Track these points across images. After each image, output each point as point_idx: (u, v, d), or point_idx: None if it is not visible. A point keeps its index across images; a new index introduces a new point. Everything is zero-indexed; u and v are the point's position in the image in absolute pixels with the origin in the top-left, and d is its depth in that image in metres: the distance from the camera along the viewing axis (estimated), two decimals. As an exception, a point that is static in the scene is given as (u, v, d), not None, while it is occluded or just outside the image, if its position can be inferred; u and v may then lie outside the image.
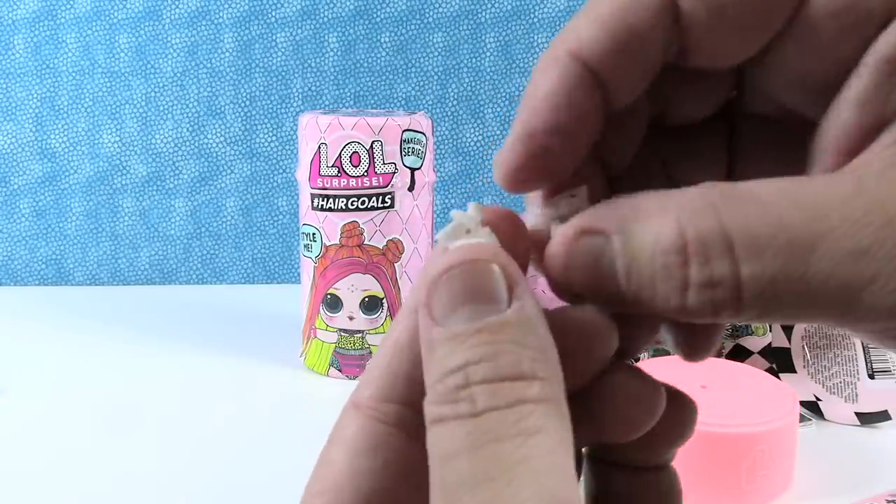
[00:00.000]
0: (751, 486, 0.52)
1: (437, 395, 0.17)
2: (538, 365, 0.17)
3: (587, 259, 0.19)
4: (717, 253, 0.17)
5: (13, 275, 1.00)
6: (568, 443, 0.17)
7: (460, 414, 0.16)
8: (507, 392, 0.16)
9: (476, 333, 0.17)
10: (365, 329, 0.73)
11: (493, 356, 0.17)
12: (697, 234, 0.17)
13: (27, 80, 0.97)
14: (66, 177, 0.99)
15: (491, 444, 0.16)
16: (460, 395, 0.17)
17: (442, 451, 0.16)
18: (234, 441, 0.63)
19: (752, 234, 0.17)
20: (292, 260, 1.02)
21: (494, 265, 0.18)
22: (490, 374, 0.17)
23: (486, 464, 0.16)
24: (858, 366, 0.63)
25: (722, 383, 0.57)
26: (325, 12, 0.97)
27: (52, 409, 0.67)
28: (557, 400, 0.17)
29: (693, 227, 0.17)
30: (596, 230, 0.19)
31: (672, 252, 0.17)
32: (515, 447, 0.16)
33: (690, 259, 0.17)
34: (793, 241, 0.17)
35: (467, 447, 0.16)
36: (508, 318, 0.17)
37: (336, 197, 0.71)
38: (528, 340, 0.17)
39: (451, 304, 0.17)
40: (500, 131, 1.01)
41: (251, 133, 0.99)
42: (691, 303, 0.17)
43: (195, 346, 0.80)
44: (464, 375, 0.17)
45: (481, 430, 0.16)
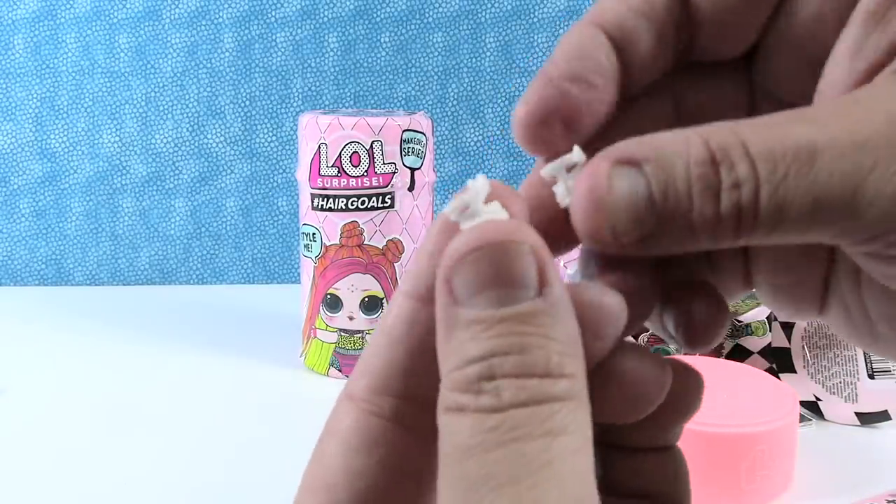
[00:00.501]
0: (751, 487, 0.52)
1: (457, 383, 0.16)
2: (566, 360, 0.16)
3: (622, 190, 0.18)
4: (738, 158, 0.17)
5: (13, 275, 1.00)
6: (590, 442, 0.16)
7: (483, 407, 0.16)
8: (534, 388, 0.16)
9: (503, 321, 0.16)
10: (365, 329, 0.73)
11: (521, 348, 0.16)
12: (721, 146, 0.17)
13: (27, 80, 0.97)
14: (66, 177, 0.99)
15: (517, 444, 0.15)
16: (484, 386, 0.16)
17: (462, 443, 0.16)
18: (234, 441, 0.63)
19: (765, 142, 0.17)
20: (292, 260, 1.02)
21: (526, 246, 0.17)
22: (517, 369, 0.16)
23: (512, 464, 0.15)
24: (858, 366, 0.63)
25: (722, 383, 0.57)
26: (325, 12, 0.97)
27: (52, 409, 0.67)
28: (582, 397, 0.16)
29: (716, 142, 0.18)
30: (627, 160, 0.18)
31: (705, 163, 0.17)
32: (542, 448, 0.15)
33: (720, 165, 0.17)
34: (799, 145, 0.17)
35: (491, 444, 0.15)
36: (538, 306, 0.16)
37: (336, 197, 0.71)
38: (556, 332, 0.16)
39: (476, 285, 0.16)
40: (500, 131, 1.01)
41: (251, 133, 0.99)
42: (724, 207, 0.17)
43: (195, 346, 0.80)
44: (489, 366, 0.16)
45: (507, 427, 0.16)
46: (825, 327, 0.65)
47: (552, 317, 0.16)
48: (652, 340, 0.69)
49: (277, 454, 0.60)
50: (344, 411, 0.19)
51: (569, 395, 0.16)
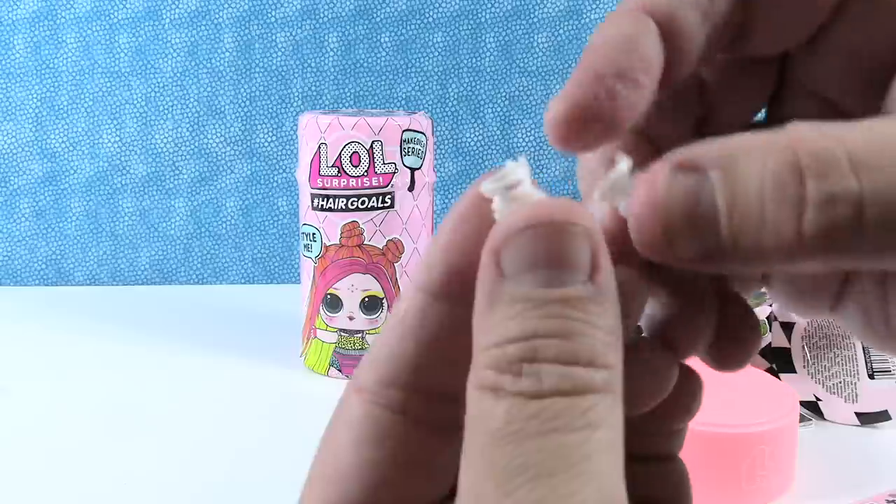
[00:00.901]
0: (751, 487, 0.52)
1: (496, 361, 0.15)
2: (608, 350, 0.16)
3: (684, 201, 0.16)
4: (834, 167, 0.15)
5: (13, 275, 1.00)
6: (622, 438, 0.16)
7: (523, 390, 0.15)
8: (577, 377, 0.15)
9: (551, 303, 0.15)
10: (365, 329, 0.73)
11: (567, 333, 0.15)
12: (812, 150, 0.15)
13: (27, 80, 0.97)
14: (66, 177, 0.99)
15: (557, 434, 0.15)
16: (525, 369, 0.15)
17: (497, 428, 0.15)
18: (234, 441, 0.63)
19: (869, 146, 0.15)
20: (292, 260, 1.02)
21: (581, 228, 0.16)
22: (562, 354, 0.15)
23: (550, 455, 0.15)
24: (858, 366, 0.63)
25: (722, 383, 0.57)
26: (325, 12, 0.97)
27: (53, 409, 0.67)
28: (619, 391, 0.16)
29: (805, 146, 0.15)
30: (692, 165, 0.16)
31: (785, 171, 0.15)
32: (581, 442, 0.15)
33: (806, 176, 0.15)
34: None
35: (530, 432, 0.15)
36: (589, 292, 0.16)
37: (336, 197, 0.71)
38: (603, 321, 0.16)
39: (526, 262, 0.16)
40: (500, 131, 1.01)
41: (251, 133, 0.99)
42: (808, 228, 0.15)
43: (195, 346, 0.80)
44: (532, 348, 0.15)
45: (547, 416, 0.15)
46: (825, 327, 0.65)
47: (600, 305, 0.16)
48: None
49: (277, 454, 0.60)
50: (353, 403, 0.19)
51: (608, 388, 0.15)
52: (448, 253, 0.18)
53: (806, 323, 0.66)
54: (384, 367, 0.19)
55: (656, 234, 0.17)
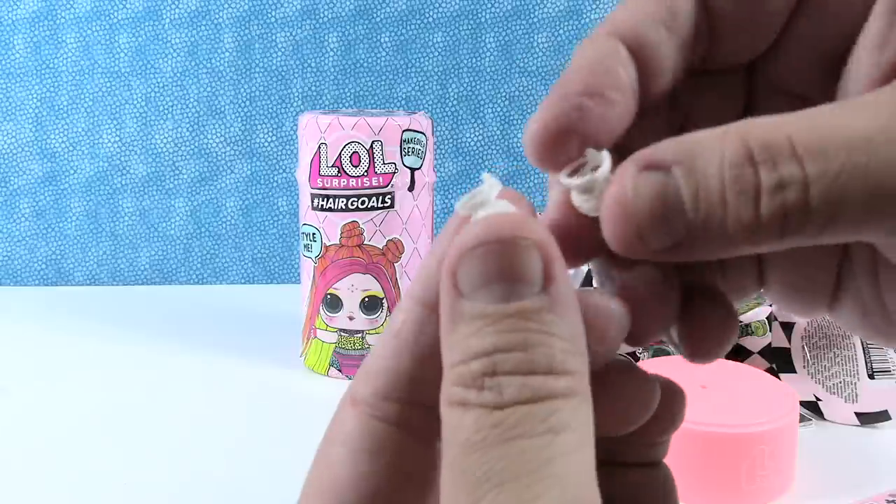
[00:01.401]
0: (751, 487, 0.52)
1: (461, 378, 0.16)
2: (569, 357, 0.16)
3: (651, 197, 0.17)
4: (783, 156, 0.17)
5: (13, 275, 1.00)
6: (591, 439, 0.16)
7: (486, 402, 0.16)
8: (536, 386, 0.16)
9: (507, 317, 0.16)
10: (365, 329, 0.73)
11: (524, 345, 0.16)
12: (761, 143, 0.17)
13: (27, 80, 0.97)
14: (66, 177, 0.99)
15: (518, 441, 0.15)
16: (487, 382, 0.16)
17: (464, 439, 0.16)
18: (234, 441, 0.63)
19: (812, 136, 0.17)
20: (292, 260, 1.02)
21: (531, 242, 0.17)
22: (520, 365, 0.16)
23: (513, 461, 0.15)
24: (858, 366, 0.63)
25: (722, 383, 0.57)
26: (325, 12, 0.97)
27: (52, 409, 0.67)
28: (584, 394, 0.16)
29: (755, 138, 0.17)
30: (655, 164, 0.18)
31: (741, 163, 0.17)
32: (543, 446, 0.15)
33: (759, 166, 0.17)
34: (850, 136, 0.17)
35: (494, 441, 0.15)
36: (543, 303, 0.16)
37: (336, 197, 0.71)
38: (560, 329, 0.16)
39: (481, 278, 0.16)
40: (500, 131, 1.01)
41: (251, 133, 0.99)
42: (764, 212, 0.17)
43: (195, 346, 0.80)
44: (492, 363, 0.16)
45: (508, 424, 0.16)
46: (825, 327, 0.65)
47: (556, 313, 0.16)
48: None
49: (277, 454, 0.60)
50: (348, 416, 0.19)
51: (571, 393, 0.16)
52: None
53: (806, 323, 0.66)
54: (380, 380, 0.19)
55: (628, 230, 0.18)
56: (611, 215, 0.18)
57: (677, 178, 0.17)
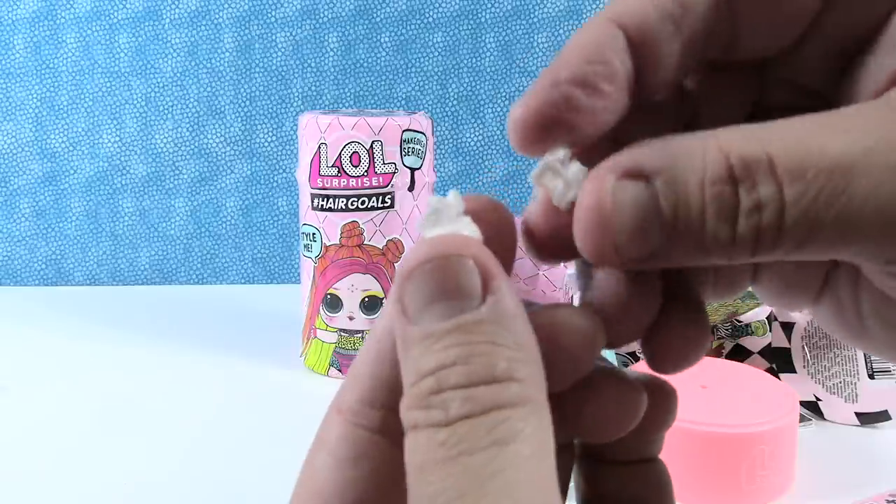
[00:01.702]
0: (751, 487, 0.52)
1: (411, 400, 0.16)
2: (515, 365, 0.16)
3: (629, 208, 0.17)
4: (762, 177, 0.17)
5: (13, 275, 1.00)
6: (548, 446, 0.16)
7: (432, 422, 0.16)
8: (481, 397, 0.16)
9: (449, 333, 0.16)
10: (365, 329, 0.73)
11: (466, 358, 0.16)
12: (742, 160, 0.17)
13: (27, 80, 0.97)
14: (66, 177, 0.99)
15: (463, 457, 0.15)
16: (432, 400, 0.16)
17: (415, 461, 0.16)
18: (234, 441, 0.63)
19: (793, 156, 0.17)
20: (292, 260, 1.02)
21: (468, 259, 0.17)
22: (463, 379, 0.16)
23: (458, 478, 0.15)
24: (858, 366, 0.63)
25: (722, 383, 0.57)
26: (325, 12, 0.97)
27: (53, 408, 0.67)
28: (536, 401, 0.16)
29: (736, 154, 0.17)
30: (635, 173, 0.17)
31: (722, 181, 0.17)
32: (488, 459, 0.15)
33: (739, 184, 0.17)
34: (832, 162, 0.16)
35: (439, 459, 0.15)
36: (482, 315, 0.16)
37: (336, 197, 0.71)
38: (504, 338, 0.16)
39: (423, 300, 0.17)
40: (500, 131, 1.01)
41: (251, 133, 0.99)
42: (740, 231, 0.17)
43: (195, 346, 0.80)
44: (436, 380, 0.16)
45: (453, 441, 0.15)
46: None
47: (498, 323, 0.16)
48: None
49: (277, 454, 0.60)
50: (333, 423, 0.19)
51: (520, 401, 0.16)
52: None
53: (806, 323, 0.66)
54: (363, 388, 0.19)
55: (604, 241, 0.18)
56: (585, 225, 0.18)
57: (657, 189, 0.17)
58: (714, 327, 0.70)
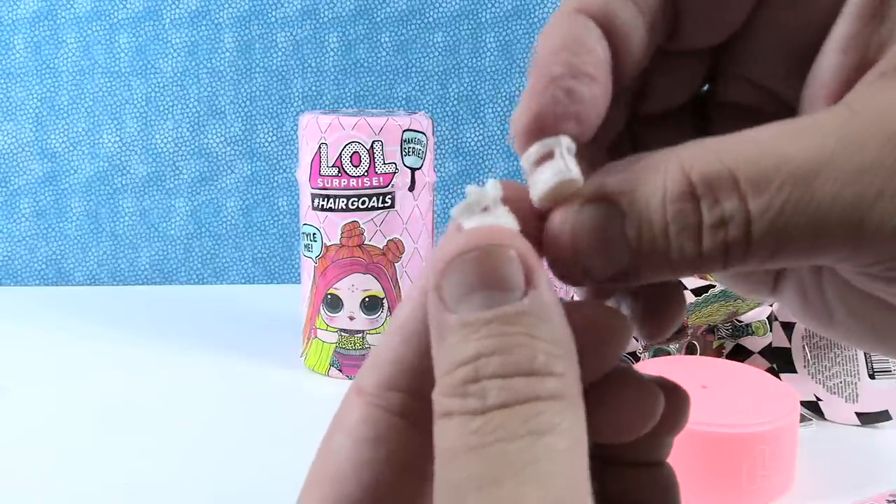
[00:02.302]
0: (751, 487, 0.52)
1: (446, 388, 0.16)
2: (553, 359, 0.16)
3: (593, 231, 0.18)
4: (725, 192, 0.17)
5: (13, 275, 1.00)
6: (582, 442, 0.16)
7: (468, 409, 0.16)
8: (518, 388, 0.16)
9: (489, 323, 0.16)
10: (365, 329, 0.73)
11: (505, 349, 0.16)
12: (703, 177, 0.17)
13: (27, 80, 0.97)
14: (66, 177, 0.99)
15: (499, 444, 0.15)
16: (469, 389, 0.16)
17: (448, 447, 0.16)
18: (235, 441, 0.63)
19: (755, 169, 0.17)
20: (292, 260, 1.02)
21: (511, 250, 0.17)
22: (501, 369, 0.16)
23: (493, 465, 0.15)
24: (859, 366, 0.63)
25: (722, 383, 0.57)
26: (325, 12, 0.97)
27: (53, 408, 0.67)
28: (572, 396, 0.16)
29: (697, 172, 0.17)
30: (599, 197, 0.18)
31: (682, 199, 0.17)
32: (524, 448, 0.15)
33: (700, 201, 0.17)
34: (795, 170, 0.17)
35: (473, 446, 0.15)
36: (524, 307, 0.16)
37: (336, 197, 0.71)
38: (543, 332, 0.16)
39: (463, 289, 0.16)
40: (500, 131, 1.01)
41: (251, 133, 0.99)
42: (706, 247, 0.17)
43: (195, 346, 0.80)
44: (474, 368, 0.16)
45: (489, 429, 0.15)
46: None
47: (538, 317, 0.16)
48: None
49: (277, 454, 0.60)
50: (353, 405, 0.19)
51: (557, 395, 0.16)
52: None
53: (806, 323, 0.66)
54: (385, 371, 0.19)
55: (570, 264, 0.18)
56: (551, 248, 0.18)
57: (620, 212, 0.18)
58: (714, 327, 0.70)
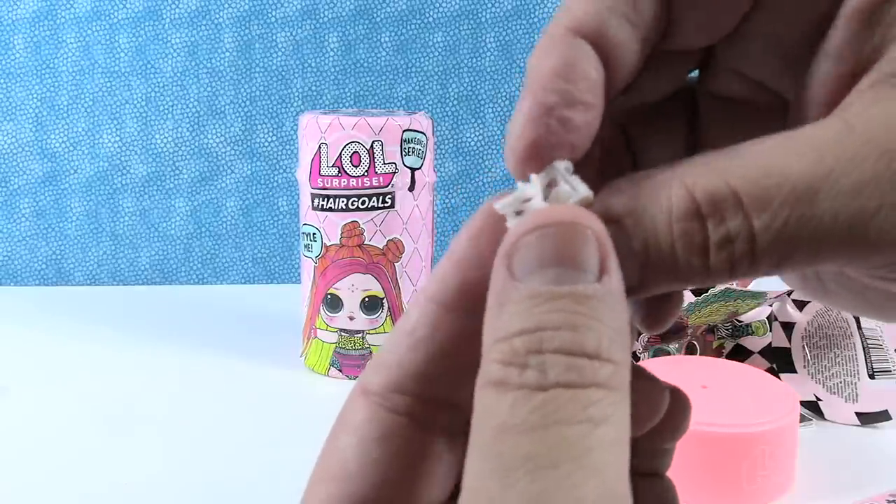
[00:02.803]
0: (751, 487, 0.52)
1: (502, 355, 0.16)
2: (615, 347, 0.16)
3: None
4: (730, 211, 0.17)
5: (13, 275, 1.00)
6: (628, 435, 0.16)
7: (527, 383, 0.15)
8: (581, 369, 0.15)
9: (558, 298, 0.16)
10: (365, 329, 0.73)
11: (573, 326, 0.16)
12: (707, 196, 0.17)
13: (27, 80, 0.97)
14: (66, 177, 0.99)
15: (558, 427, 0.15)
16: (530, 360, 0.15)
17: (501, 421, 0.15)
18: (234, 441, 0.63)
19: (757, 187, 0.17)
20: (292, 260, 1.02)
21: (590, 231, 0.16)
22: (567, 345, 0.15)
23: (551, 448, 0.15)
24: (858, 366, 0.63)
25: (722, 383, 0.57)
26: (325, 12, 0.97)
27: (53, 408, 0.67)
28: (625, 390, 0.16)
29: (701, 190, 0.17)
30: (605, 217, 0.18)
31: (688, 217, 0.17)
32: (583, 435, 0.15)
33: (706, 220, 0.17)
34: (796, 187, 0.17)
35: (534, 424, 0.15)
36: (596, 290, 0.16)
37: (336, 197, 0.71)
38: (610, 319, 0.16)
39: (536, 262, 0.16)
40: (500, 131, 1.01)
41: (251, 133, 0.99)
42: (713, 262, 0.17)
43: (195, 346, 0.80)
44: (538, 339, 0.16)
45: (549, 409, 0.15)
46: (826, 327, 0.65)
47: (608, 304, 0.16)
48: (651, 340, 0.69)
49: (277, 454, 0.60)
50: (358, 405, 0.19)
51: (613, 384, 0.16)
52: (462, 267, 0.19)
53: (806, 323, 0.66)
54: (391, 374, 0.19)
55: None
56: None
57: (628, 230, 0.18)
58: (714, 327, 0.70)
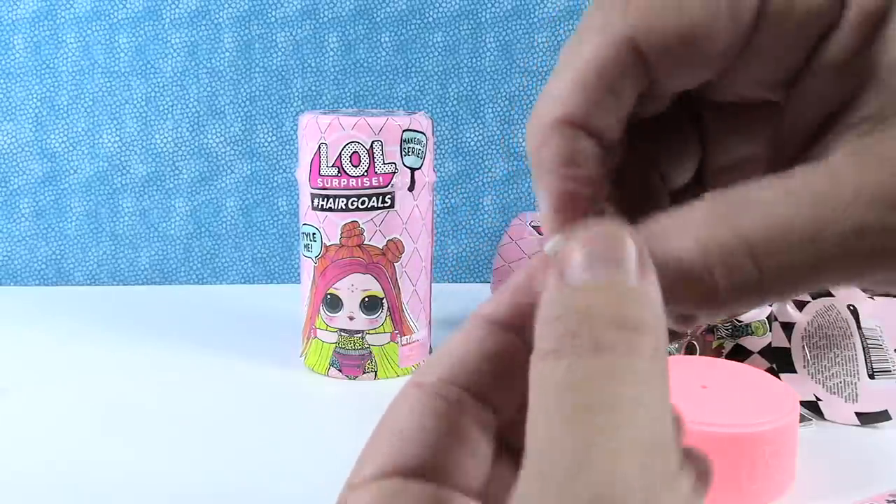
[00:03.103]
0: (752, 487, 0.52)
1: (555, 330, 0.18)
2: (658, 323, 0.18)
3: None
4: (741, 260, 0.19)
5: (13, 275, 1.00)
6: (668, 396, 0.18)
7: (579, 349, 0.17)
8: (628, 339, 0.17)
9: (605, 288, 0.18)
10: (365, 329, 0.73)
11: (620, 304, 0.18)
12: (719, 247, 0.19)
13: (27, 80, 0.97)
14: (66, 177, 0.99)
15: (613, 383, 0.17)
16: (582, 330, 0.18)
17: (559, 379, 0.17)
18: (234, 441, 0.63)
19: (767, 237, 0.19)
20: (292, 260, 1.02)
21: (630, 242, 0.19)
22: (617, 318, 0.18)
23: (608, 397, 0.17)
24: (858, 366, 0.63)
25: (722, 383, 0.57)
26: (325, 12, 0.97)
27: (53, 409, 0.67)
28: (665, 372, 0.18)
29: (713, 241, 0.19)
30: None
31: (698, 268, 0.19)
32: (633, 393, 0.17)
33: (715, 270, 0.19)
34: (802, 235, 0.19)
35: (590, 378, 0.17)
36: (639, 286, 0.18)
37: (336, 197, 0.71)
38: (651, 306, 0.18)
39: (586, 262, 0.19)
40: (500, 131, 1.01)
41: (251, 133, 0.99)
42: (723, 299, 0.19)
43: (195, 346, 0.80)
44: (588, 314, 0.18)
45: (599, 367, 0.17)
46: (825, 327, 0.65)
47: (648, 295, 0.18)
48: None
49: (278, 454, 0.60)
50: (412, 392, 0.21)
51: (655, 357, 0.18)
52: (515, 293, 0.22)
53: (806, 323, 0.66)
54: (445, 369, 0.21)
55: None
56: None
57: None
58: (713, 327, 0.70)
